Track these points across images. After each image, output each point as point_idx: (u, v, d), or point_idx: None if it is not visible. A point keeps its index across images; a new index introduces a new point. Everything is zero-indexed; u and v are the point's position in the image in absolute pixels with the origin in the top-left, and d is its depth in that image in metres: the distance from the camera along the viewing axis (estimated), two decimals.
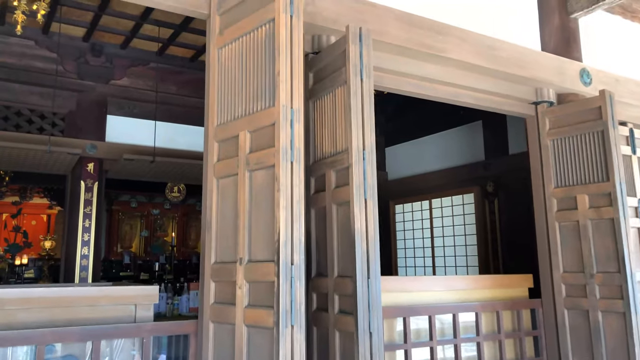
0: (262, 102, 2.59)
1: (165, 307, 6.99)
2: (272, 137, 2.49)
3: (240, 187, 2.60)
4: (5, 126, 7.09)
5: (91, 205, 7.17)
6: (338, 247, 2.84)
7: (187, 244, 12.78)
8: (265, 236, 2.43)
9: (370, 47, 2.86)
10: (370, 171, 2.73)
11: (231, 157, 2.71)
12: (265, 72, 2.59)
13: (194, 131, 8.12)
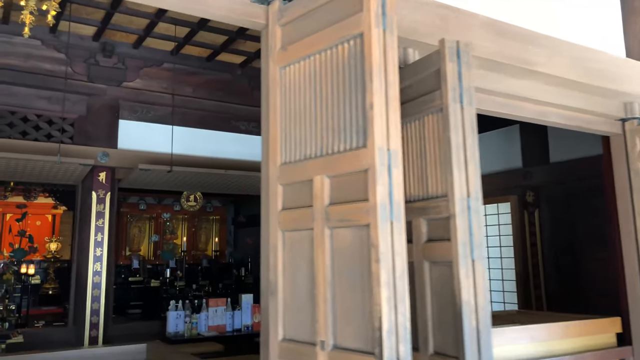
0: (345, 140, 2.00)
1: (183, 326, 6.45)
2: (362, 186, 1.90)
3: (317, 247, 2.01)
4: (11, 133, 6.47)
5: (103, 218, 6.56)
6: (433, 316, 2.26)
7: (197, 247, 12.20)
8: (356, 318, 1.85)
9: (470, 66, 2.26)
10: (477, 225, 2.14)
11: (303, 207, 2.11)
12: (350, 102, 2.00)
13: (211, 136, 7.53)
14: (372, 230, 1.82)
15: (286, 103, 2.24)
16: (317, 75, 2.13)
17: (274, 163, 2.27)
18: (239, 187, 7.27)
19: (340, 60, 2.04)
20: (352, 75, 1.99)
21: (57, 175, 6.35)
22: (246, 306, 6.77)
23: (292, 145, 2.20)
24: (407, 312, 1.80)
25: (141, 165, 6.23)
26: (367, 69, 1.92)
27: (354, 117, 1.96)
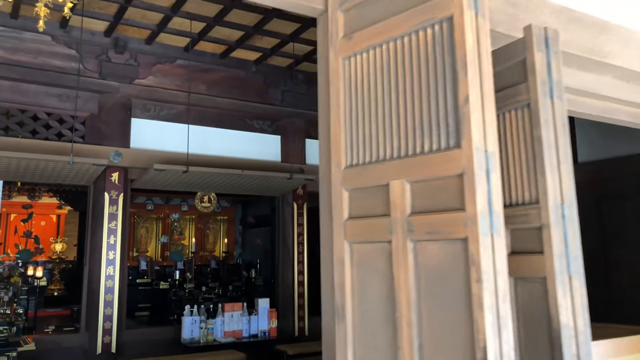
0: (431, 139, 1.71)
1: (198, 332, 6.15)
2: (454, 194, 1.61)
3: (397, 262, 1.73)
4: (21, 132, 6.16)
5: (116, 220, 6.26)
6: (520, 338, 1.98)
7: (205, 248, 11.92)
8: (450, 345, 1.57)
9: (559, 56, 1.99)
10: (572, 235, 1.86)
11: (376, 216, 1.82)
12: (437, 96, 1.71)
13: (226, 135, 7.23)
14: (472, 245, 1.54)
15: (351, 98, 1.96)
16: (391, 66, 1.85)
17: (336, 165, 1.98)
18: (255, 188, 6.98)
19: (422, 48, 1.76)
20: (439, 65, 1.70)
21: (69, 175, 6.04)
22: (262, 311, 6.49)
23: (360, 145, 1.92)
24: (511, 339, 1.53)
25: (156, 166, 5.93)
26: (458, 57, 1.64)
27: (441, 113, 1.68)
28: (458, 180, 1.60)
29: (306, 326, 7.08)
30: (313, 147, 7.76)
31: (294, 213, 7.34)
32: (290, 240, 7.28)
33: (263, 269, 10.81)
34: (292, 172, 6.62)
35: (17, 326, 7.12)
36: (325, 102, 2.04)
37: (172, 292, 9.37)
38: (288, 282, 7.19)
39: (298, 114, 7.59)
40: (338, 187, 1.96)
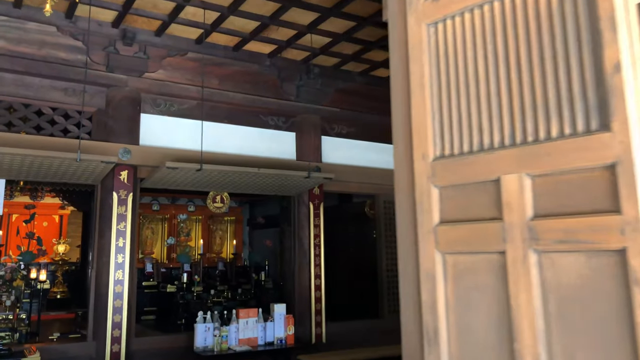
0: (561, 120, 1.31)
1: (212, 340, 5.74)
2: (601, 190, 1.22)
3: (514, 279, 1.33)
4: (24, 128, 5.75)
5: (125, 221, 5.84)
6: None
7: (212, 250, 11.51)
8: None
9: None
10: None
11: (481, 220, 1.42)
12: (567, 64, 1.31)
13: (239, 132, 6.82)
14: (634, 259, 1.14)
15: (440, 74, 1.56)
16: (497, 31, 1.45)
17: (421, 157, 1.58)
18: (270, 187, 6.57)
19: (543, 5, 1.36)
20: (570, 24, 1.31)
21: (76, 174, 5.62)
22: (279, 317, 6.07)
23: (455, 131, 1.52)
24: None
25: (168, 164, 5.52)
26: (602, 12, 1.24)
27: (576, 86, 1.29)
28: (607, 172, 1.21)
29: (324, 333, 6.68)
30: (329, 144, 7.36)
31: (310, 213, 6.93)
32: (306, 241, 6.87)
33: (272, 271, 10.41)
34: (309, 171, 6.22)
35: (20, 332, 6.68)
36: (401, 80, 1.64)
37: (179, 296, 8.96)
38: (304, 285, 6.77)
39: (314, 110, 7.19)
40: (424, 184, 1.56)
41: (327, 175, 6.33)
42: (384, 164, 7.71)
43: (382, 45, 6.66)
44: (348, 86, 7.57)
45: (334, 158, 7.34)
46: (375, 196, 7.68)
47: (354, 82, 7.59)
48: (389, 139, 7.17)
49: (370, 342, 6.66)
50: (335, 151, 7.39)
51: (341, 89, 7.51)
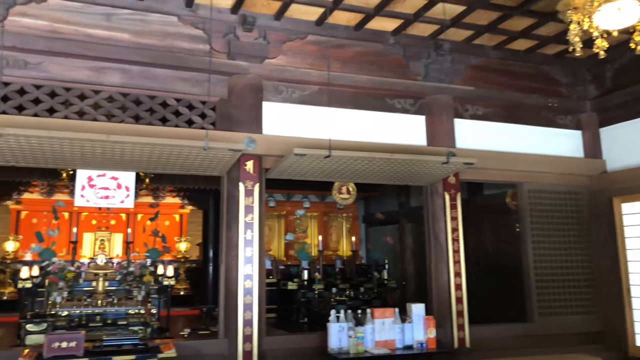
0: None
1: (347, 341, 5.31)
2: None
3: None
4: (151, 120, 5.71)
5: (252, 213, 5.60)
6: None
7: (329, 247, 11.20)
8: None
9: None
10: None
11: None
12: None
13: (364, 118, 6.36)
14: None
15: None
16: None
17: None
18: (401, 176, 6.03)
19: None
20: None
21: (202, 164, 5.47)
22: (417, 318, 5.51)
23: None
24: None
25: (296, 150, 5.18)
26: None
27: None
28: None
29: (467, 337, 6.00)
30: (463, 127, 6.67)
31: (446, 205, 6.29)
32: (442, 236, 6.24)
33: (393, 269, 9.87)
34: (447, 155, 5.59)
35: (152, 327, 6.77)
36: None
37: (300, 294, 8.73)
38: (442, 285, 6.14)
39: (445, 90, 6.55)
40: None
41: (469, 160, 5.67)
42: (528, 149, 6.88)
43: (523, 10, 5.88)
44: (482, 62, 6.84)
45: (469, 143, 6.64)
46: (519, 185, 6.86)
47: (488, 57, 6.84)
48: (533, 120, 6.33)
49: (519, 348, 5.90)
50: (471, 135, 6.68)
51: (475, 65, 6.80)
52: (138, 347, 4.68)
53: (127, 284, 7.56)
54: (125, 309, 6.59)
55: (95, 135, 4.64)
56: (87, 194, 5.53)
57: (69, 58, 5.40)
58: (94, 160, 5.19)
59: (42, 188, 10.90)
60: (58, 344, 4.40)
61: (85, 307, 6.48)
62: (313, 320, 8.20)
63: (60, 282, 7.01)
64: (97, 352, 4.55)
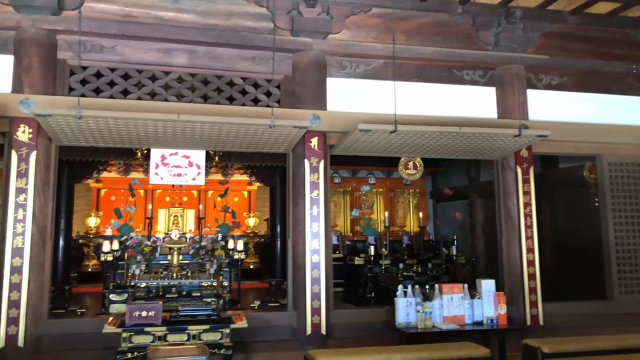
0: None
1: (415, 316, 5.32)
2: None
3: None
4: (218, 99, 5.88)
5: (318, 189, 5.68)
6: None
7: (395, 222, 11.16)
8: None
9: None
10: None
11: None
12: None
13: (431, 91, 6.24)
14: None
15: None
16: None
17: None
18: (470, 150, 5.89)
19: None
20: None
21: (268, 142, 5.58)
22: (487, 295, 5.42)
23: None
24: None
25: (361, 126, 5.18)
26: None
27: None
28: None
29: (540, 314, 5.85)
30: (537, 98, 6.39)
31: (518, 179, 6.09)
32: (514, 210, 6.06)
33: (461, 245, 9.72)
34: (520, 127, 5.39)
35: (224, 299, 7.06)
36: None
37: (367, 269, 8.79)
38: (514, 261, 5.99)
39: (516, 59, 6.27)
40: None
41: (542, 132, 5.44)
42: (607, 119, 6.51)
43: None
44: (557, 28, 6.48)
45: (543, 114, 6.36)
46: (597, 157, 6.52)
47: (564, 22, 6.47)
48: (613, 88, 5.94)
49: (597, 327, 5.67)
50: (545, 106, 6.40)
51: (549, 32, 6.46)
52: (212, 318, 4.90)
53: (200, 258, 7.89)
54: (198, 281, 6.90)
55: (167, 115, 4.83)
56: (161, 172, 5.80)
57: (140, 41, 5.63)
58: (166, 140, 5.43)
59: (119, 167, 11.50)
60: (138, 313, 4.70)
61: (161, 279, 6.84)
62: (380, 295, 8.26)
63: (138, 255, 7.43)
64: (173, 321, 4.82)
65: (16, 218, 5.02)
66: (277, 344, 5.38)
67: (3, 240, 4.99)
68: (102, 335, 4.70)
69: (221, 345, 4.72)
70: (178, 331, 4.72)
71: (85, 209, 12.06)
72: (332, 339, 5.43)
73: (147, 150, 8.71)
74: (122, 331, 4.62)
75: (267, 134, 5.30)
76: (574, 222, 7.75)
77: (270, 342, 5.40)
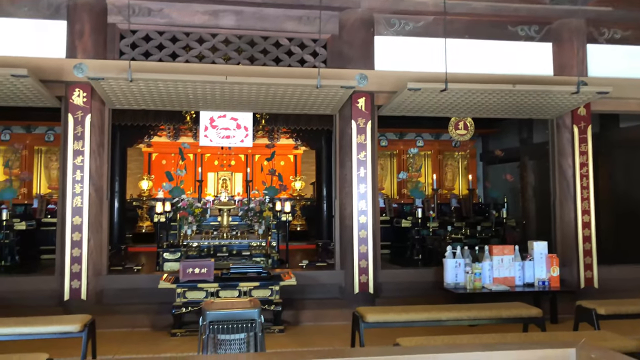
0: None
1: (463, 276, 5.31)
2: None
3: None
4: (265, 61, 5.88)
5: (365, 151, 5.66)
6: None
7: (443, 185, 11.03)
8: None
9: None
10: None
11: None
12: None
13: (484, 48, 6.04)
14: None
15: None
16: None
17: None
18: (524, 109, 5.70)
19: None
20: None
21: (315, 103, 5.58)
22: (539, 256, 5.33)
23: None
24: None
25: (410, 84, 5.09)
26: None
27: None
28: None
29: (595, 277, 5.72)
30: (598, 53, 6.08)
31: (575, 138, 5.87)
32: (569, 171, 5.88)
33: (513, 208, 9.53)
34: (578, 84, 5.17)
35: (272, 258, 7.24)
36: None
37: (414, 231, 8.80)
38: (568, 223, 5.85)
39: (576, 13, 5.96)
40: None
41: (603, 88, 5.19)
42: None
43: None
44: None
45: (603, 70, 6.07)
46: None
47: None
48: None
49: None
50: (606, 61, 6.10)
51: None
52: (262, 275, 5.05)
53: (249, 219, 8.08)
54: (248, 241, 7.08)
55: (215, 77, 4.89)
56: (210, 134, 5.91)
57: (187, 3, 5.67)
58: (215, 102, 5.51)
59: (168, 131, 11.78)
60: (192, 270, 4.89)
61: (212, 239, 7.06)
62: (427, 257, 8.28)
63: (190, 217, 7.68)
64: (225, 278, 4.99)
65: (74, 179, 5.26)
66: (325, 301, 5.51)
67: (64, 200, 5.26)
68: (157, 290, 4.94)
69: (271, 301, 4.87)
70: (229, 287, 4.90)
71: (138, 173, 12.49)
72: (380, 297, 5.50)
73: (195, 115, 8.88)
74: (177, 287, 4.84)
75: (313, 95, 5.29)
76: (634, 184, 7.45)
77: (318, 299, 5.52)
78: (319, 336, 4.82)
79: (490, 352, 1.66)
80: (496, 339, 2.92)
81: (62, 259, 5.21)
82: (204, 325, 2.88)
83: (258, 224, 7.61)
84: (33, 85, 4.91)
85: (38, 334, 3.55)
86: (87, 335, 3.57)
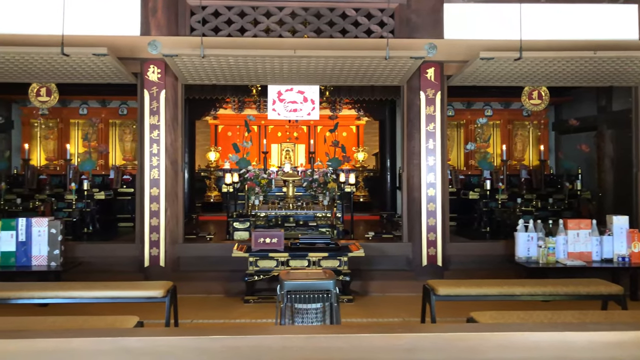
0: None
1: (536, 250, 5.21)
2: None
3: None
4: (331, 33, 5.88)
5: (434, 122, 5.61)
6: None
7: (513, 156, 10.71)
8: None
9: None
10: None
11: None
12: None
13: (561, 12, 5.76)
14: None
15: None
16: None
17: None
18: (605, 77, 5.44)
19: None
20: None
21: (383, 74, 5.55)
22: (619, 231, 5.14)
23: None
24: None
25: (482, 54, 4.96)
26: None
27: None
28: None
29: None
30: None
31: None
32: None
33: (587, 180, 9.16)
34: None
35: (337, 229, 7.36)
36: None
37: (482, 203, 8.64)
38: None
39: None
40: None
41: None
42: None
43: None
44: None
45: None
46: None
47: None
48: None
49: None
50: None
51: None
52: (330, 246, 5.17)
53: (313, 190, 8.22)
54: (313, 212, 7.23)
55: (283, 52, 4.96)
56: (278, 108, 6.02)
57: None
58: (282, 76, 5.59)
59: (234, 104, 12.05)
60: (263, 240, 5.08)
61: (279, 210, 7.26)
62: (496, 230, 8.14)
63: (256, 187, 7.91)
64: (295, 248, 5.15)
65: (151, 152, 5.53)
66: (392, 273, 5.58)
67: (142, 172, 5.56)
68: (229, 258, 5.17)
69: (339, 272, 4.99)
70: (299, 257, 5.05)
71: (205, 144, 12.90)
72: (448, 270, 5.51)
73: (260, 87, 9.02)
74: (249, 256, 5.05)
75: (381, 66, 5.26)
76: None
77: (385, 271, 5.60)
78: (386, 307, 4.92)
79: (572, 332, 1.67)
80: (575, 317, 2.89)
81: (141, 228, 5.54)
82: (281, 294, 3.02)
83: (322, 194, 7.73)
84: (112, 63, 5.17)
85: (125, 297, 3.82)
86: (170, 300, 3.81)
